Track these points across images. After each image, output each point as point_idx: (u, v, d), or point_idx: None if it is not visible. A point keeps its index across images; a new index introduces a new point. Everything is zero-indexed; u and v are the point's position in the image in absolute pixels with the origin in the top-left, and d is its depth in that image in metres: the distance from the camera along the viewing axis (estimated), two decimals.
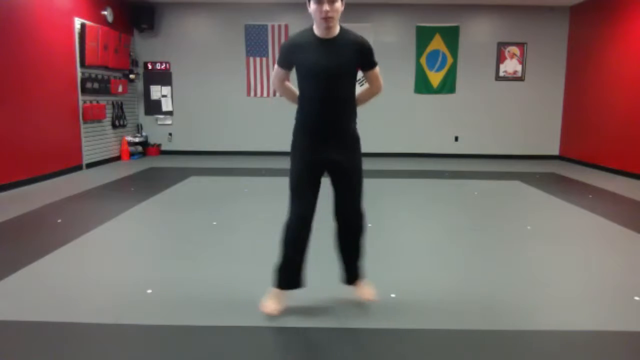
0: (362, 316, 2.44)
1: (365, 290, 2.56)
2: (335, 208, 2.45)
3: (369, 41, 2.36)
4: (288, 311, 2.47)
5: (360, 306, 2.55)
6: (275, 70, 2.40)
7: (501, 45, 8.75)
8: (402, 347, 2.17)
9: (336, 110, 2.30)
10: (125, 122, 8.35)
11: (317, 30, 2.24)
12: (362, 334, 2.28)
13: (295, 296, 2.63)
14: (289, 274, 2.44)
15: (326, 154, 2.32)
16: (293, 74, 2.38)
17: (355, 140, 2.41)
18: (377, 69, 2.42)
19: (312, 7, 2.18)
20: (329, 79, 2.23)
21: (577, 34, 8.45)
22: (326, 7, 2.13)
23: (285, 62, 2.33)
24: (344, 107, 2.32)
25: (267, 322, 2.36)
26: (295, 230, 2.36)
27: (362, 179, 2.43)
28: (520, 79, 8.82)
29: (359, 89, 2.42)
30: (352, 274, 2.56)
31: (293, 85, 2.48)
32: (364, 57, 2.32)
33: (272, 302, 2.45)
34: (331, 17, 2.15)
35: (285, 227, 2.39)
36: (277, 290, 2.46)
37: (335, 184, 2.41)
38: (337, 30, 2.25)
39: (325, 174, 2.40)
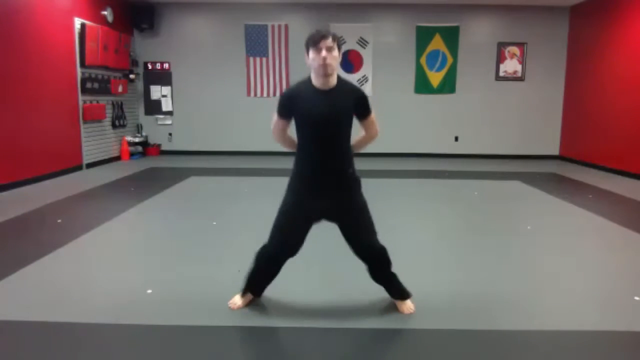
0: (362, 316, 2.44)
1: (404, 306, 2.54)
2: (354, 251, 2.46)
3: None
4: (289, 311, 2.47)
5: (360, 306, 2.55)
6: (275, 120, 2.42)
7: (501, 45, 8.75)
8: (402, 347, 2.17)
9: (334, 157, 2.32)
10: (125, 122, 8.35)
11: (315, 81, 2.26)
12: (362, 334, 2.28)
13: (295, 296, 2.63)
14: (255, 286, 2.55)
15: (323, 202, 2.34)
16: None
17: (353, 181, 2.41)
18: (373, 115, 2.44)
19: (311, 55, 2.21)
20: (327, 127, 2.27)
21: (577, 34, 8.44)
22: (324, 53, 2.16)
23: (285, 112, 2.35)
24: (342, 154, 2.35)
25: (267, 323, 2.37)
26: (269, 260, 2.46)
27: (370, 215, 2.44)
28: (520, 79, 8.82)
29: (354, 137, 2.45)
30: (393, 295, 2.57)
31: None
32: (361, 107, 2.36)
33: (240, 298, 2.54)
34: (329, 64, 2.18)
35: (262, 250, 2.46)
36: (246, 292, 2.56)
37: (343, 228, 2.42)
38: (334, 80, 2.27)
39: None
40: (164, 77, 8.89)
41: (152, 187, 5.80)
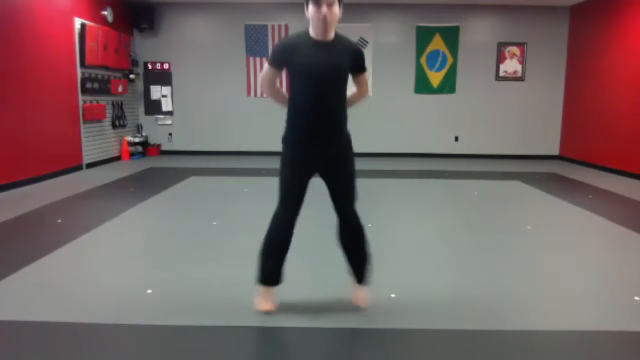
0: (362, 316, 2.44)
1: (360, 295, 2.55)
2: (337, 210, 2.44)
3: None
4: (288, 311, 2.47)
5: (360, 306, 2.55)
6: (266, 69, 2.38)
7: (501, 45, 8.75)
8: (402, 347, 2.17)
9: (328, 112, 2.31)
10: (125, 122, 8.35)
11: (313, 33, 2.24)
12: (362, 334, 2.28)
13: (295, 296, 2.63)
14: (269, 270, 2.46)
15: (317, 154, 2.34)
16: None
17: (347, 138, 2.42)
18: (366, 74, 2.46)
19: (310, 9, 2.18)
20: (323, 81, 2.24)
21: (577, 34, 8.45)
22: (324, 9, 2.13)
23: (278, 62, 2.32)
24: (336, 109, 2.33)
25: (267, 322, 2.36)
26: (279, 230, 2.41)
27: (355, 181, 2.44)
28: (520, 79, 8.82)
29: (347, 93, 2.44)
30: (357, 276, 2.54)
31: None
32: (357, 62, 2.35)
33: (263, 300, 2.47)
34: (329, 20, 2.15)
35: (270, 223, 2.44)
36: (263, 288, 2.48)
37: (331, 182, 2.41)
38: (332, 35, 2.26)
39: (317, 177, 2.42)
40: (164, 77, 8.89)
41: (152, 187, 5.80)
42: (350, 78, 2.41)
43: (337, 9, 2.18)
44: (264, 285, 2.47)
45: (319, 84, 2.24)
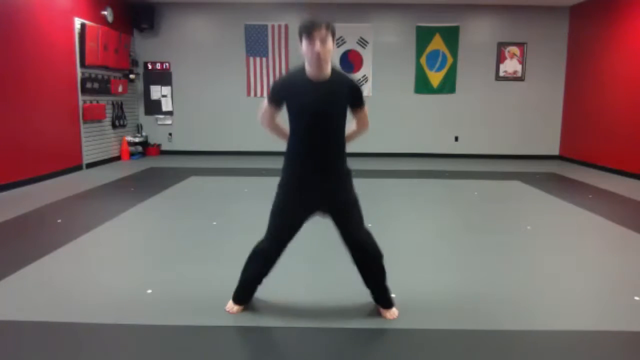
0: (362, 316, 2.44)
1: (388, 312, 2.47)
2: (344, 241, 2.41)
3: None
4: (288, 311, 2.47)
5: (358, 306, 2.54)
6: (265, 106, 2.39)
7: (501, 45, 8.75)
8: (402, 347, 2.17)
9: (327, 150, 2.30)
10: (125, 122, 8.35)
11: (309, 71, 2.22)
12: (362, 334, 2.28)
13: (295, 296, 2.63)
14: (247, 294, 2.50)
15: (316, 193, 2.32)
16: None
17: (346, 174, 2.40)
18: (365, 109, 2.42)
19: (304, 46, 2.17)
20: (321, 120, 2.24)
21: (577, 34, 8.45)
22: (318, 46, 2.12)
23: (276, 100, 2.32)
24: (335, 146, 2.32)
25: (267, 323, 2.36)
26: (261, 266, 2.42)
27: (360, 208, 2.41)
28: (520, 79, 8.82)
29: (347, 128, 2.42)
30: (380, 299, 2.49)
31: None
32: (355, 99, 2.32)
33: (235, 305, 2.49)
34: (323, 57, 2.14)
35: (257, 248, 2.43)
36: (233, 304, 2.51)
37: (336, 220, 2.38)
38: (328, 71, 2.23)
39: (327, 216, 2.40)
40: (164, 77, 8.89)
41: (152, 187, 5.80)
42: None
43: (330, 45, 2.17)
44: (236, 304, 2.49)
45: (316, 122, 2.24)
